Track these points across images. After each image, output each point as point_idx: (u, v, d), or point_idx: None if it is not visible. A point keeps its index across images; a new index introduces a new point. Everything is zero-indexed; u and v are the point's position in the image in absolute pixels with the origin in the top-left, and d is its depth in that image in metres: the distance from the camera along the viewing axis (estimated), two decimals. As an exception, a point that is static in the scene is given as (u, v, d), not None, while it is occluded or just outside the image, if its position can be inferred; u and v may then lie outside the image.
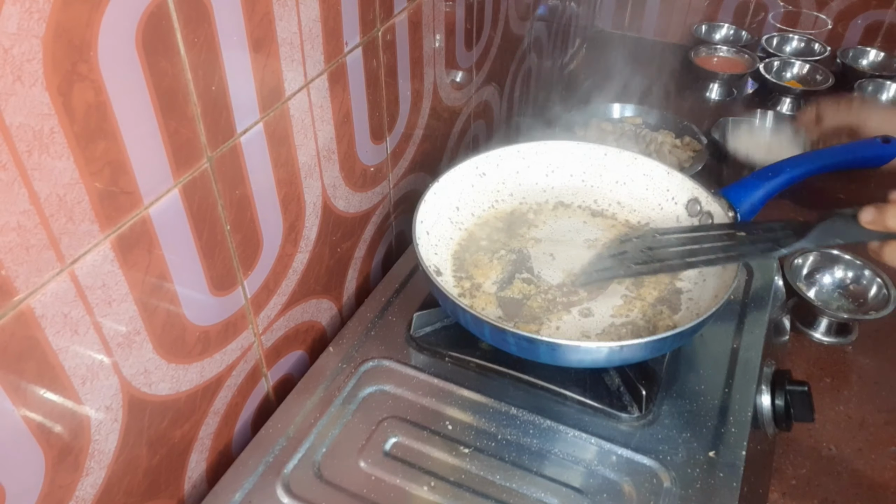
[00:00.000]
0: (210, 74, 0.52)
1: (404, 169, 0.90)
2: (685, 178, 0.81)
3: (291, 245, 0.69)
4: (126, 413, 0.54)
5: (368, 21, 0.71)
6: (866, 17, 1.49)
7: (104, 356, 0.50)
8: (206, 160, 0.55)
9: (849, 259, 0.99)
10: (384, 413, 0.67)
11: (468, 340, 0.71)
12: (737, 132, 1.26)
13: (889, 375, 0.88)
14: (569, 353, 0.62)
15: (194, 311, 0.58)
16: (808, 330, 0.94)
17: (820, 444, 0.81)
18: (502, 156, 0.86)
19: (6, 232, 0.41)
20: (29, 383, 0.45)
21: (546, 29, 1.31)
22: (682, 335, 0.62)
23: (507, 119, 1.25)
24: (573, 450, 0.64)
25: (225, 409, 0.66)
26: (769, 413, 0.69)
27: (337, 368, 0.71)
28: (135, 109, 0.47)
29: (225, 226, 0.59)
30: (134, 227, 0.49)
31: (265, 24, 0.56)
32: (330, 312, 0.82)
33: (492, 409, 0.67)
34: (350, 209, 0.79)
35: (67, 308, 0.46)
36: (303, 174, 0.68)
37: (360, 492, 0.60)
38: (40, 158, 0.41)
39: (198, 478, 0.65)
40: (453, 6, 0.89)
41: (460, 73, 0.99)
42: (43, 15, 0.39)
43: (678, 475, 0.61)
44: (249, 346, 0.67)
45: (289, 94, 0.62)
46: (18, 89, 0.39)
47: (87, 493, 0.52)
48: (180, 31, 0.48)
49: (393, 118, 0.83)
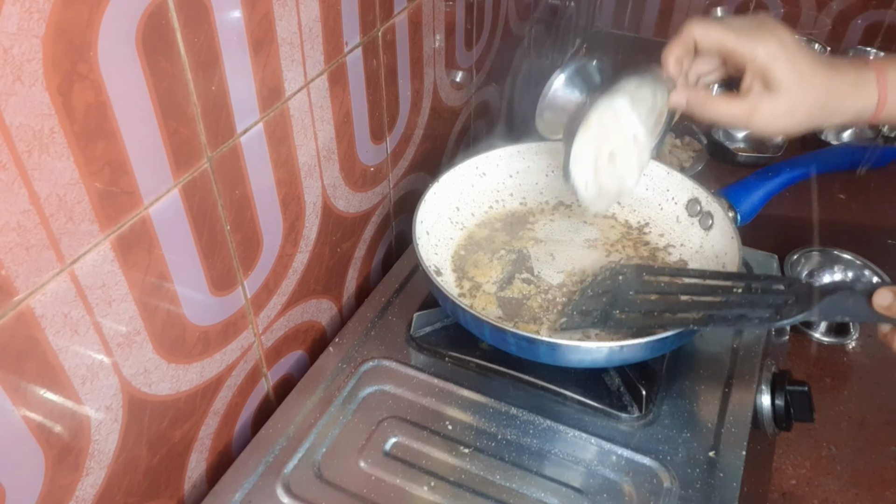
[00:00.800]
0: (210, 74, 0.52)
1: (404, 169, 0.90)
2: (685, 178, 0.81)
3: (291, 245, 0.69)
4: (126, 413, 0.54)
5: (368, 21, 0.71)
6: (866, 17, 1.49)
7: (104, 356, 0.50)
8: (206, 160, 0.55)
9: (849, 259, 0.99)
10: (384, 413, 0.67)
11: (468, 340, 0.71)
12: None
13: (889, 375, 0.88)
14: (569, 353, 0.62)
15: (194, 311, 0.58)
16: (808, 330, 0.93)
17: (820, 444, 0.81)
18: (502, 156, 0.86)
19: (6, 232, 0.41)
20: (29, 383, 0.45)
21: (546, 29, 1.31)
22: (682, 335, 0.62)
23: (507, 119, 1.25)
24: (573, 450, 0.64)
25: (225, 409, 0.66)
26: (769, 413, 0.69)
27: (337, 368, 0.71)
28: (135, 109, 0.47)
29: (225, 226, 0.59)
30: (134, 227, 0.49)
31: (265, 24, 0.56)
32: (330, 312, 0.82)
33: (492, 409, 0.67)
34: (350, 209, 0.79)
35: (67, 308, 0.46)
36: (303, 174, 0.68)
37: (360, 492, 0.60)
38: (40, 158, 0.41)
39: (198, 478, 0.65)
40: (453, 6, 0.89)
41: (460, 73, 0.99)
42: (43, 15, 0.39)
43: (678, 475, 0.61)
44: (249, 346, 0.67)
45: (289, 94, 0.62)
46: (18, 89, 0.39)
47: (87, 493, 0.52)
48: (180, 31, 0.48)
49: (393, 118, 0.83)
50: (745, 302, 0.60)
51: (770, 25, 0.58)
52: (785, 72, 0.57)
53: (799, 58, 0.58)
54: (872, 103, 0.60)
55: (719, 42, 0.58)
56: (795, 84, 0.58)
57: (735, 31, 0.58)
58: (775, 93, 0.58)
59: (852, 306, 0.52)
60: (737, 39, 0.58)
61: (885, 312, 0.50)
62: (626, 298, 0.66)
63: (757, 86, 0.59)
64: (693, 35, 0.59)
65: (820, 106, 0.59)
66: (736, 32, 0.58)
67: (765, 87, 0.59)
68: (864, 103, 0.60)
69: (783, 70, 0.57)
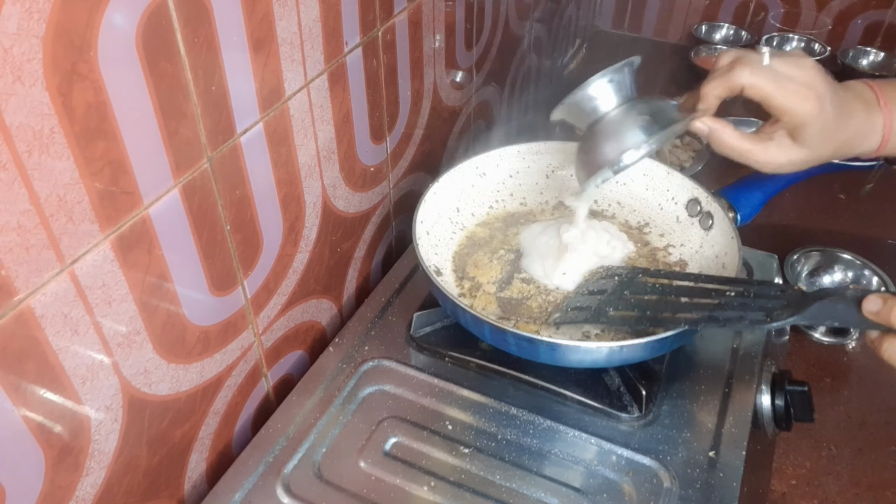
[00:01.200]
0: (210, 74, 0.52)
1: (404, 169, 0.90)
2: (685, 178, 0.81)
3: (291, 245, 0.69)
4: (126, 413, 0.54)
5: (368, 21, 0.71)
6: (866, 17, 1.49)
7: (104, 356, 0.50)
8: (206, 160, 0.55)
9: (849, 259, 0.99)
10: (384, 413, 0.67)
11: (468, 340, 0.71)
12: None
13: (889, 375, 0.88)
14: (569, 353, 0.62)
15: (194, 311, 0.58)
16: (808, 330, 0.94)
17: (820, 444, 0.81)
18: (502, 156, 0.86)
19: (6, 232, 0.41)
20: (29, 383, 0.45)
21: (546, 29, 1.31)
22: (682, 335, 0.62)
23: (507, 119, 1.25)
24: (573, 450, 0.64)
25: (225, 409, 0.66)
26: (769, 413, 0.69)
27: (337, 368, 0.71)
28: (135, 109, 0.47)
29: (225, 226, 0.59)
30: (134, 227, 0.49)
31: (265, 24, 0.56)
32: (330, 312, 0.82)
33: (492, 409, 0.67)
34: (350, 209, 0.79)
35: (67, 308, 0.46)
36: (303, 174, 0.68)
37: (360, 492, 0.60)
38: (40, 158, 0.41)
39: (198, 478, 0.65)
40: (453, 6, 0.89)
41: (460, 73, 0.99)
42: (43, 15, 0.39)
43: (678, 475, 0.61)
44: (249, 346, 0.67)
45: (289, 94, 0.62)
46: (18, 89, 0.39)
47: (87, 493, 0.52)
48: (180, 31, 0.48)
49: (393, 118, 0.83)
50: (738, 305, 0.60)
51: (815, 82, 0.58)
52: (814, 134, 0.58)
53: (829, 119, 0.58)
54: (874, 147, 0.61)
55: (767, 95, 0.58)
56: (819, 143, 0.59)
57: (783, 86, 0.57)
58: (798, 147, 0.60)
59: (842, 312, 0.53)
60: (782, 97, 0.57)
61: (874, 318, 0.51)
62: (621, 297, 0.66)
63: (782, 135, 0.60)
64: (743, 83, 0.58)
65: (830, 156, 0.61)
66: (783, 89, 0.57)
67: (790, 139, 0.60)
68: (867, 147, 0.62)
69: (814, 131, 0.58)
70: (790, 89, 0.57)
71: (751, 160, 0.61)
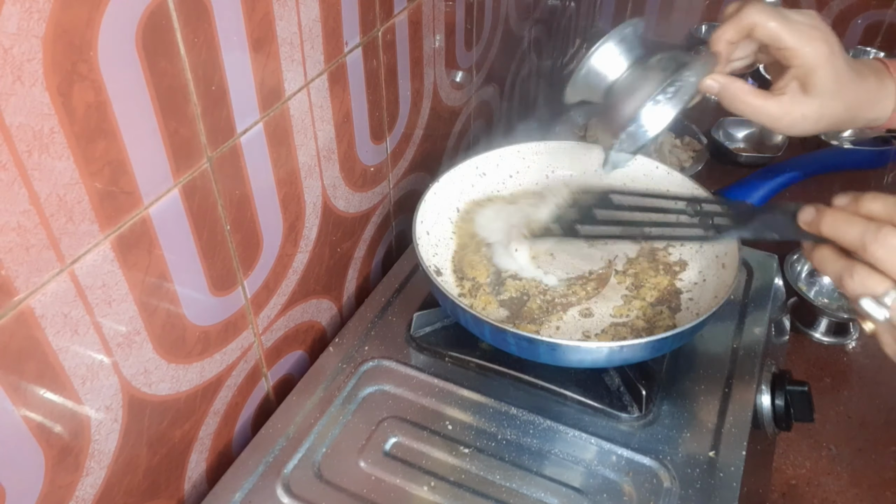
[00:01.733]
0: (210, 74, 0.52)
1: (404, 169, 0.90)
2: (685, 178, 0.81)
3: (291, 245, 0.69)
4: (126, 413, 0.54)
5: (368, 21, 0.71)
6: (866, 17, 1.49)
7: (104, 356, 0.50)
8: (206, 160, 0.55)
9: (849, 259, 0.99)
10: (384, 413, 0.67)
11: (468, 340, 0.71)
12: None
13: (889, 375, 0.88)
14: (569, 353, 0.62)
15: (194, 311, 0.58)
16: (808, 330, 0.94)
17: (820, 444, 0.81)
18: (502, 156, 0.86)
19: (6, 232, 0.41)
20: (29, 383, 0.45)
21: (546, 29, 1.31)
22: (682, 335, 0.62)
23: (507, 119, 1.25)
24: (573, 450, 0.64)
25: (225, 409, 0.66)
26: (769, 413, 0.69)
27: (337, 368, 0.71)
28: (135, 109, 0.47)
29: (225, 226, 0.59)
30: (134, 227, 0.49)
31: (265, 24, 0.56)
32: (330, 312, 0.82)
33: (492, 409, 0.67)
34: (350, 209, 0.79)
35: (67, 308, 0.46)
36: (303, 174, 0.68)
37: (360, 492, 0.60)
38: (40, 158, 0.41)
39: (198, 478, 0.65)
40: (453, 6, 0.89)
41: (460, 73, 0.99)
42: (43, 15, 0.39)
43: (678, 475, 0.61)
44: (249, 346, 0.67)
45: (289, 94, 0.62)
46: (18, 89, 0.39)
47: (87, 493, 0.52)
48: (180, 31, 0.48)
49: (393, 118, 0.83)
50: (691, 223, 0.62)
51: (823, 27, 0.58)
52: (826, 79, 0.58)
53: (840, 66, 0.58)
54: (887, 113, 0.61)
55: (776, 34, 0.57)
56: (831, 93, 0.58)
57: (792, 26, 0.57)
58: (811, 97, 0.59)
59: (781, 223, 0.55)
60: (792, 36, 0.57)
61: (807, 228, 0.53)
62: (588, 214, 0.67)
63: (794, 87, 0.59)
64: (752, 21, 0.57)
65: (843, 114, 0.60)
66: (792, 28, 0.57)
67: (802, 90, 0.59)
68: (880, 113, 0.61)
69: (825, 77, 0.58)
70: (800, 29, 0.57)
71: (763, 115, 0.60)
